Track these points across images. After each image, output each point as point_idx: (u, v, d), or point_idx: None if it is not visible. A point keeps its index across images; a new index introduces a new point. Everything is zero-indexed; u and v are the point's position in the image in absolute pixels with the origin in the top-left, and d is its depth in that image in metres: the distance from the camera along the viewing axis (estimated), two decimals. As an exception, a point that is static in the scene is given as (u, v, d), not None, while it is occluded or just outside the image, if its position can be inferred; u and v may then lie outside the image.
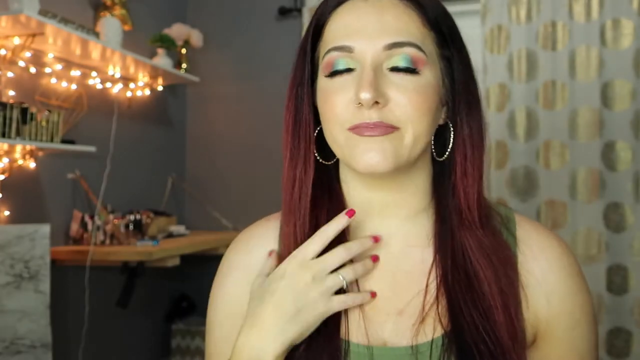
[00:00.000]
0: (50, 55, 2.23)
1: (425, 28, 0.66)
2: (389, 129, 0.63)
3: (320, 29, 0.70)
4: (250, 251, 0.75)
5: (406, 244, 0.71)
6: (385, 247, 0.70)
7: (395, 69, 0.64)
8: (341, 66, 0.65)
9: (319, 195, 0.71)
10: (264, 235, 0.76)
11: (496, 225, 0.70)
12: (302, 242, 0.68)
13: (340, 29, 0.66)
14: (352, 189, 0.73)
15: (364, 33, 0.64)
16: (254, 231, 0.78)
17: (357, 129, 0.64)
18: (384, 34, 0.64)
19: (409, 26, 0.65)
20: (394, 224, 0.72)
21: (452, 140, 0.69)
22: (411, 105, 0.64)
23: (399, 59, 0.64)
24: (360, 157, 0.64)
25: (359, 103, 0.63)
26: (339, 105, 0.65)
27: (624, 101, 2.48)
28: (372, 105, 0.63)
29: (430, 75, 0.65)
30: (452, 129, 0.69)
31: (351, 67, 0.65)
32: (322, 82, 0.68)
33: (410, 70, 0.64)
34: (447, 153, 0.70)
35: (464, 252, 0.67)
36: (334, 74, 0.66)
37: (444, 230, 0.69)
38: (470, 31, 2.76)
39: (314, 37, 0.70)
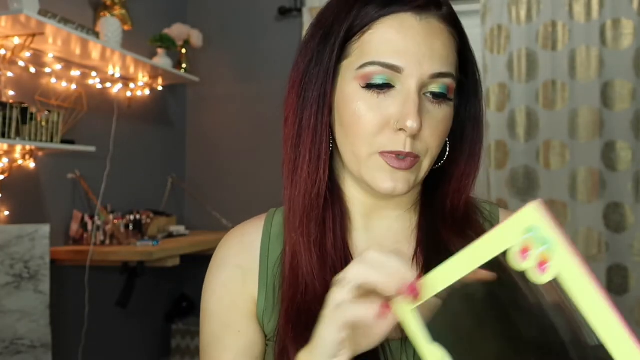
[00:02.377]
0: (50, 55, 2.23)
1: (457, 55, 0.68)
2: (415, 160, 0.65)
3: (355, 33, 0.65)
4: (243, 245, 0.76)
5: (395, 240, 0.72)
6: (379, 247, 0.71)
7: (434, 93, 0.64)
8: (380, 81, 0.63)
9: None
10: (254, 234, 0.76)
11: (478, 219, 0.73)
12: (315, 241, 0.68)
13: (389, 44, 0.63)
14: (351, 187, 0.73)
15: (413, 56, 0.63)
16: (246, 228, 0.78)
17: (387, 156, 0.64)
18: (434, 62, 0.63)
19: (450, 55, 0.66)
20: (386, 223, 0.73)
21: (447, 152, 0.71)
22: (436, 135, 0.65)
23: (439, 87, 0.64)
24: (382, 182, 0.65)
25: (401, 129, 0.63)
26: (373, 123, 0.64)
27: (624, 101, 2.48)
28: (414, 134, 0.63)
29: (451, 105, 0.67)
30: (448, 141, 0.70)
31: (391, 84, 0.64)
32: (352, 89, 0.65)
33: (446, 99, 0.65)
34: (441, 162, 0.71)
35: (445, 246, 0.68)
36: (371, 86, 0.64)
37: (427, 226, 0.71)
38: (470, 31, 2.74)
39: (344, 37, 0.66)
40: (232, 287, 0.74)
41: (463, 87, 0.71)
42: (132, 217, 2.54)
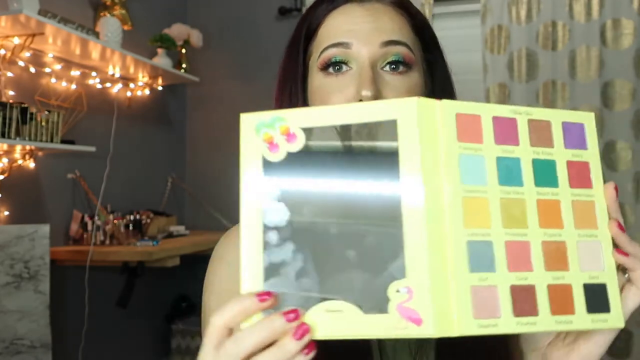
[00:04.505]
0: (50, 55, 2.23)
1: (412, 33, 0.70)
2: None
3: (313, 31, 0.72)
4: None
5: None
6: None
7: (391, 64, 0.67)
8: (334, 59, 0.67)
9: None
10: None
11: None
12: None
13: (336, 28, 0.69)
14: None
15: (360, 32, 0.67)
16: None
17: None
18: (380, 33, 0.67)
19: (401, 29, 0.69)
20: None
21: None
22: None
23: (394, 57, 0.67)
24: None
25: (360, 100, 0.65)
26: (337, 103, 0.67)
27: (624, 101, 2.48)
28: None
29: (417, 76, 0.69)
30: None
31: (348, 62, 0.67)
32: (317, 79, 0.69)
33: (405, 65, 0.67)
34: None
35: None
36: (330, 65, 0.68)
37: None
38: (470, 31, 2.76)
39: (306, 38, 0.72)
40: (230, 283, 0.74)
41: (432, 65, 0.73)
42: (132, 217, 2.54)
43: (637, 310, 0.54)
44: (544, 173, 0.50)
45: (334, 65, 0.67)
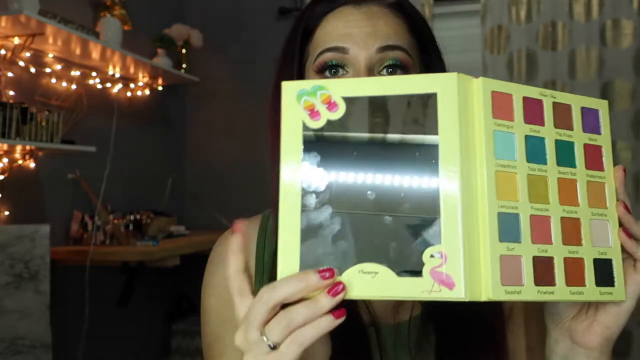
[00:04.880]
0: (50, 55, 2.23)
1: (410, 35, 0.70)
2: None
3: (309, 33, 0.71)
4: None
5: None
6: None
7: (388, 68, 0.67)
8: (330, 62, 0.67)
9: None
10: (250, 231, 0.77)
11: None
12: None
13: (333, 32, 0.68)
14: None
15: (357, 37, 0.67)
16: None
17: None
18: (377, 37, 0.67)
19: (398, 32, 0.68)
20: None
21: None
22: None
23: (391, 61, 0.67)
24: None
25: None
26: None
27: (624, 101, 2.48)
28: None
29: None
30: None
31: (344, 66, 0.67)
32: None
33: (402, 68, 0.67)
34: None
35: None
36: (326, 69, 0.68)
37: None
38: (470, 31, 2.76)
39: (302, 40, 0.72)
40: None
41: (430, 67, 0.73)
42: (132, 217, 2.55)
43: (637, 310, 0.55)
44: (565, 153, 0.53)
45: (330, 69, 0.67)
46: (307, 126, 0.50)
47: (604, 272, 0.52)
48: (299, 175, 0.49)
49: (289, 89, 0.51)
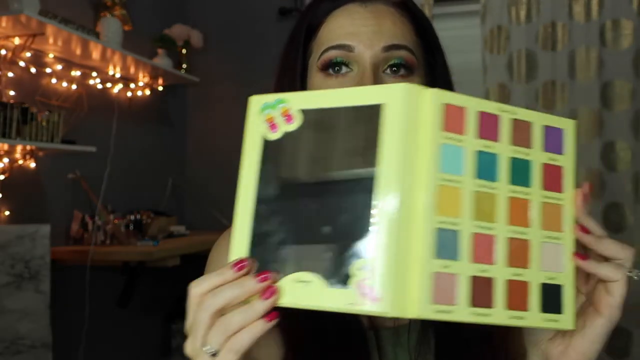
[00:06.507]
0: (51, 56, 2.24)
1: (415, 35, 0.69)
2: None
3: (313, 30, 0.70)
4: None
5: None
6: None
7: (392, 67, 0.66)
8: (335, 60, 0.67)
9: None
10: None
11: None
12: None
13: (339, 30, 0.67)
14: None
15: (363, 35, 0.66)
16: None
17: None
18: (382, 36, 0.66)
19: (404, 32, 0.68)
20: None
21: None
22: None
23: (396, 60, 0.66)
24: None
25: None
26: None
27: (624, 101, 2.49)
28: None
29: (419, 80, 0.68)
30: None
31: (349, 64, 0.66)
32: (316, 79, 0.68)
33: (407, 68, 0.66)
34: None
35: None
36: (330, 66, 0.67)
37: None
38: (470, 31, 2.76)
39: (306, 36, 0.71)
40: None
41: (433, 68, 0.72)
42: (132, 217, 2.55)
43: (637, 310, 0.55)
44: (519, 172, 0.51)
45: (335, 66, 0.67)
46: (266, 138, 0.52)
47: (551, 298, 0.50)
48: (254, 184, 0.51)
49: (254, 102, 0.53)
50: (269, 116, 0.52)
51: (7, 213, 2.04)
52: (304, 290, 0.47)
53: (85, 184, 2.39)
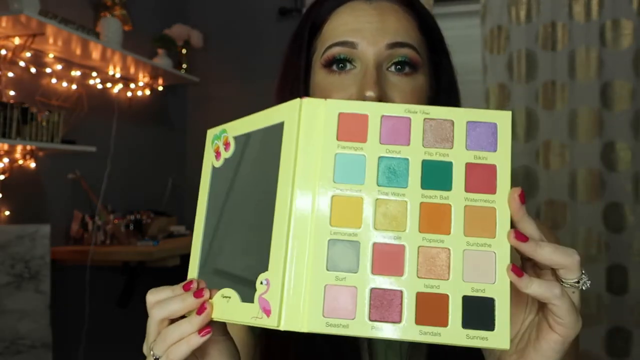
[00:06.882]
0: (51, 56, 2.24)
1: (420, 33, 0.68)
2: None
3: (317, 27, 0.70)
4: None
5: None
6: None
7: (396, 65, 0.65)
8: (338, 56, 0.66)
9: None
10: None
11: None
12: None
13: (343, 27, 0.67)
14: None
15: (366, 32, 0.65)
16: None
17: None
18: (386, 34, 0.65)
19: (408, 30, 0.67)
20: None
21: None
22: None
23: (400, 57, 0.65)
24: None
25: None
26: None
27: (624, 101, 2.49)
28: None
29: (423, 78, 0.67)
30: None
31: (352, 61, 0.66)
32: (320, 77, 0.68)
33: (411, 66, 0.66)
34: None
35: None
36: (334, 63, 0.67)
37: None
38: (470, 31, 2.76)
39: (310, 34, 0.71)
40: None
41: (437, 66, 0.72)
42: (132, 217, 2.55)
43: (637, 309, 0.53)
44: (435, 175, 0.47)
45: (338, 63, 0.66)
46: (214, 166, 0.58)
47: (477, 313, 0.44)
48: (204, 207, 0.57)
49: (209, 134, 0.59)
50: (216, 146, 0.58)
51: (7, 213, 2.04)
52: (227, 305, 0.50)
53: (85, 184, 2.39)
